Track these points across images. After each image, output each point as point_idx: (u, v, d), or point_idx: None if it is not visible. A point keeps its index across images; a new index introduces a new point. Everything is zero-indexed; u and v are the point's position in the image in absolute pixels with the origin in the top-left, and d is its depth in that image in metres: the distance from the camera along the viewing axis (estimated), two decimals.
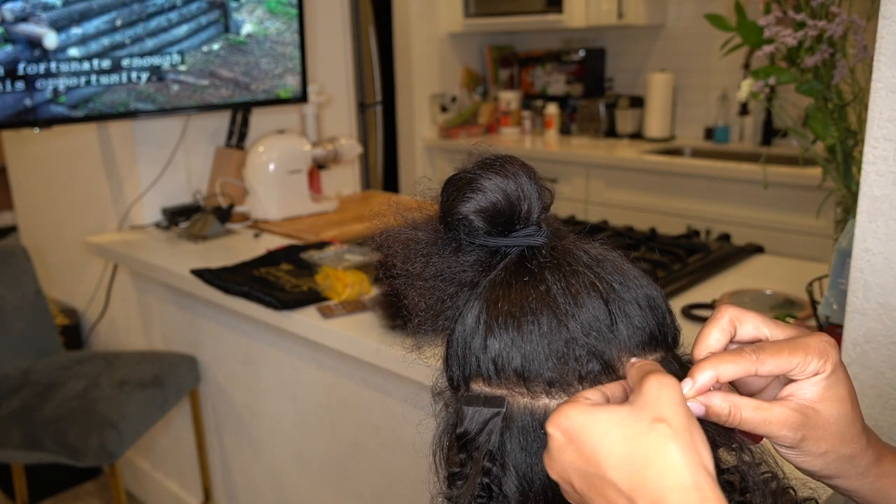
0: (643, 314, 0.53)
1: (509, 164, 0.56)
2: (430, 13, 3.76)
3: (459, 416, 0.54)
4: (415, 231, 0.58)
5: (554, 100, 3.83)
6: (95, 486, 2.58)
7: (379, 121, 3.88)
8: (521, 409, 0.52)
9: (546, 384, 0.52)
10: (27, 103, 1.74)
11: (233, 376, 1.94)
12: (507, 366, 0.52)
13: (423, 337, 0.60)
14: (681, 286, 1.53)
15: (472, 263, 0.57)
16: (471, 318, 0.55)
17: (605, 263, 0.55)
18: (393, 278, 0.59)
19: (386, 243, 0.59)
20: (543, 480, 0.52)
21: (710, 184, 2.88)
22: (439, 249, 0.57)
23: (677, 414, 0.43)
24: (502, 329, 0.53)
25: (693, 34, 3.42)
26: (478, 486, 0.52)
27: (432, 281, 0.57)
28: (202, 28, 1.99)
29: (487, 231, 0.56)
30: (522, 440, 0.52)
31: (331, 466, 1.71)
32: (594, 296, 0.52)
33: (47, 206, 2.62)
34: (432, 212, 0.59)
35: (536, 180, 0.56)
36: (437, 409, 0.60)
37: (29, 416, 1.75)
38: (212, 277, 1.67)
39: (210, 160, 2.28)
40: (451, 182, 0.57)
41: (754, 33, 1.33)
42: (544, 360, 0.51)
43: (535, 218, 0.56)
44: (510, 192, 0.55)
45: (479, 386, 0.54)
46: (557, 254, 0.55)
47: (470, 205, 0.55)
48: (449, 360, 0.57)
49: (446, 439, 0.58)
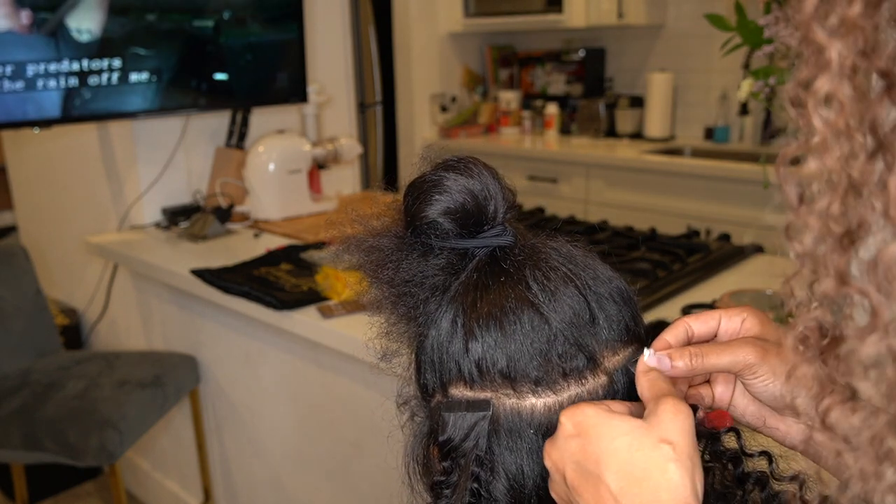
0: (618, 308, 0.54)
1: (473, 165, 0.55)
2: (430, 13, 3.76)
3: (440, 423, 0.53)
4: (378, 239, 0.57)
5: (554, 100, 3.82)
6: (95, 486, 2.58)
7: (379, 121, 3.87)
8: (508, 411, 0.52)
9: (532, 383, 0.51)
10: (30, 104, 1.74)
11: (233, 376, 1.94)
12: (491, 368, 0.52)
13: (393, 345, 0.59)
14: (681, 286, 1.52)
15: (442, 267, 0.56)
16: (445, 322, 0.54)
17: (576, 259, 0.55)
18: (369, 286, 0.58)
19: (350, 251, 0.58)
20: (535, 480, 0.52)
21: (710, 184, 2.88)
22: (406, 255, 0.56)
23: (685, 441, 0.45)
24: (484, 330, 0.52)
25: (693, 34, 3.41)
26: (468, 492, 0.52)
27: (404, 287, 0.56)
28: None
29: (457, 233, 0.55)
30: (511, 442, 0.52)
31: (331, 466, 1.71)
32: (573, 291, 0.52)
33: (47, 206, 2.62)
34: (391, 218, 0.58)
35: (500, 180, 0.56)
36: (404, 420, 0.59)
37: (29, 416, 1.75)
38: (212, 277, 1.67)
39: (210, 160, 2.28)
40: (415, 186, 0.56)
41: (754, 33, 1.33)
42: (529, 359, 0.51)
43: (501, 218, 0.56)
44: (477, 192, 0.54)
45: (459, 391, 0.53)
46: (532, 252, 0.54)
47: (437, 207, 0.54)
48: (422, 367, 0.56)
49: (420, 449, 0.57)
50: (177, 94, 1.99)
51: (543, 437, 0.51)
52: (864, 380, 0.36)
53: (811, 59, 0.36)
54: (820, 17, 0.36)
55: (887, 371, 0.36)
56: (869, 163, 0.36)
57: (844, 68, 0.35)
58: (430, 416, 0.56)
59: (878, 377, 0.36)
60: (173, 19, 1.93)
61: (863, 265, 0.36)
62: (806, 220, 0.38)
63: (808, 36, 0.36)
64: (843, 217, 0.37)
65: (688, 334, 0.56)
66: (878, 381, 0.36)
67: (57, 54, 1.76)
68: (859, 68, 0.35)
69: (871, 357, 0.36)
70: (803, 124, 0.37)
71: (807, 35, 0.36)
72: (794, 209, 0.39)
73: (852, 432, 0.38)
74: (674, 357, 0.52)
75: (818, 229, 0.38)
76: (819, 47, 0.36)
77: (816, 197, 0.38)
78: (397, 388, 0.61)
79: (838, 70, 0.35)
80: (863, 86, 0.35)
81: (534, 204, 2.45)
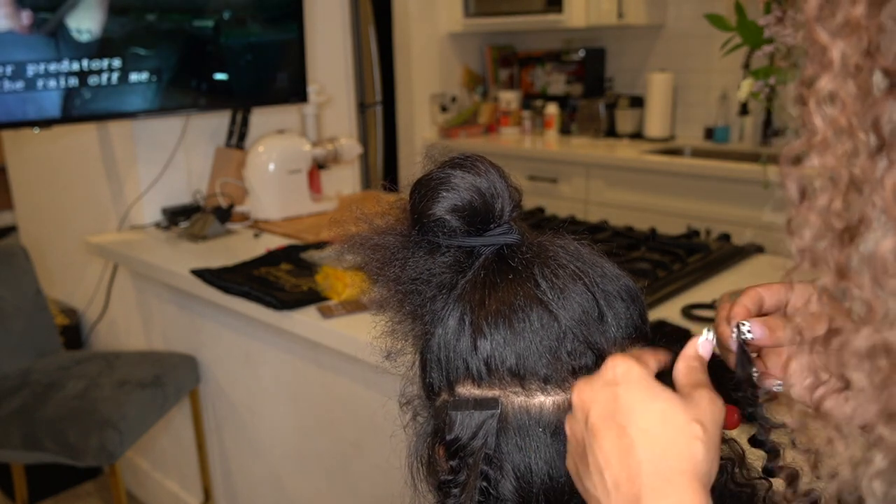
0: (626, 306, 0.54)
1: (480, 163, 0.55)
2: (429, 13, 3.76)
3: (447, 422, 0.53)
4: (383, 237, 0.57)
5: (554, 100, 3.82)
6: (95, 486, 2.58)
7: (379, 121, 3.87)
8: (517, 409, 0.52)
9: (542, 381, 0.51)
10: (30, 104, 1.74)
11: (233, 376, 1.94)
12: (500, 366, 0.52)
13: (398, 344, 0.58)
14: (681, 286, 1.52)
15: (449, 265, 0.56)
16: (453, 320, 0.54)
17: (583, 257, 0.55)
18: (374, 284, 0.58)
19: (354, 250, 0.58)
20: (543, 478, 0.52)
21: (710, 184, 2.88)
22: (412, 253, 0.56)
23: (714, 428, 0.46)
24: (493, 328, 0.52)
25: (693, 34, 3.41)
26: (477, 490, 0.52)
27: (411, 285, 0.56)
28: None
29: (464, 231, 0.55)
30: (519, 440, 0.52)
31: (331, 466, 1.71)
32: (582, 289, 0.52)
33: (47, 206, 2.62)
34: (395, 216, 0.58)
35: (506, 178, 0.56)
36: (406, 420, 0.59)
37: (29, 416, 1.75)
38: (212, 277, 1.67)
39: (210, 160, 2.27)
40: (422, 183, 0.56)
41: (754, 33, 1.33)
42: (538, 357, 0.51)
43: (508, 216, 0.56)
44: (484, 189, 0.54)
45: (467, 389, 0.53)
46: (539, 250, 0.54)
47: (444, 204, 0.54)
48: (427, 366, 0.56)
49: (425, 449, 0.57)
50: (177, 94, 1.99)
51: (552, 435, 0.51)
52: (857, 370, 0.37)
53: (814, 59, 0.37)
54: (824, 17, 0.36)
55: (881, 362, 0.36)
56: (870, 160, 0.36)
57: (847, 67, 0.35)
58: (436, 415, 0.56)
59: (871, 368, 0.36)
60: (173, 19, 1.93)
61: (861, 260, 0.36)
62: (807, 216, 0.38)
63: (812, 36, 0.36)
64: (843, 213, 0.37)
65: (760, 305, 0.55)
66: (871, 373, 0.37)
67: (57, 54, 1.76)
68: (863, 67, 0.35)
69: (865, 349, 0.36)
70: (806, 122, 0.38)
71: (810, 35, 0.36)
72: (795, 205, 0.39)
73: (845, 420, 0.39)
74: (773, 326, 0.52)
75: (819, 225, 0.38)
76: (822, 47, 0.36)
77: (818, 193, 0.38)
78: (400, 387, 0.61)
79: (841, 69, 0.35)
80: (866, 84, 0.35)
81: (534, 204, 2.45)
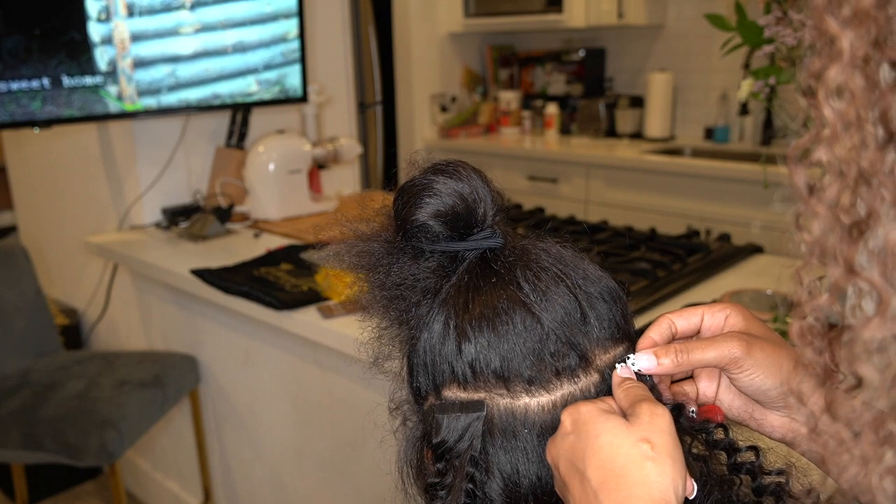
0: (608, 306, 0.54)
1: (462, 168, 0.56)
2: (429, 13, 3.76)
3: (434, 425, 0.53)
4: (368, 243, 0.58)
5: (554, 100, 3.82)
6: (95, 486, 2.58)
7: (379, 121, 3.87)
8: (502, 411, 0.52)
9: (526, 383, 0.52)
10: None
11: (233, 376, 1.94)
12: (485, 368, 0.52)
13: (385, 349, 0.59)
14: (681, 286, 1.52)
15: (433, 270, 0.56)
16: (438, 325, 0.54)
17: (565, 260, 0.55)
18: (360, 290, 0.58)
19: (340, 257, 0.58)
20: (530, 480, 0.52)
21: (710, 184, 2.88)
22: (396, 259, 0.57)
23: (663, 440, 0.46)
24: (477, 332, 0.52)
25: (693, 34, 3.41)
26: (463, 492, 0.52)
27: (396, 290, 0.57)
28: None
29: (447, 236, 0.55)
30: (505, 442, 0.52)
31: (331, 466, 1.71)
32: (564, 291, 0.53)
33: (47, 206, 2.62)
34: (380, 222, 0.59)
35: (488, 183, 0.56)
36: (396, 425, 0.59)
37: (29, 416, 1.75)
38: (212, 277, 1.67)
39: (210, 160, 2.27)
40: (405, 190, 0.56)
41: (754, 33, 1.33)
42: (522, 359, 0.51)
43: (490, 220, 0.56)
44: (466, 195, 0.55)
45: (452, 392, 0.54)
46: (522, 253, 0.55)
47: (427, 210, 0.55)
48: (414, 370, 0.56)
49: (413, 453, 0.57)
50: None
51: (538, 437, 0.52)
52: (867, 365, 0.37)
53: (823, 50, 0.36)
54: (833, 7, 0.36)
55: (891, 356, 0.36)
56: (879, 153, 0.35)
57: (856, 59, 0.35)
58: (423, 419, 0.56)
59: (881, 362, 0.36)
60: None
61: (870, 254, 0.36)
62: (815, 210, 0.38)
63: (821, 26, 0.36)
64: (852, 207, 0.37)
65: (671, 331, 0.56)
66: (881, 367, 0.36)
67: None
68: (871, 59, 0.35)
69: (875, 342, 0.36)
70: (814, 115, 0.37)
71: (819, 25, 0.36)
72: (803, 199, 0.39)
73: (854, 416, 0.39)
74: (659, 354, 0.53)
75: (827, 219, 0.38)
76: (831, 38, 0.36)
77: (826, 187, 0.38)
78: (389, 392, 0.61)
79: (850, 60, 0.35)
80: (875, 76, 0.35)
81: (534, 204, 2.45)
